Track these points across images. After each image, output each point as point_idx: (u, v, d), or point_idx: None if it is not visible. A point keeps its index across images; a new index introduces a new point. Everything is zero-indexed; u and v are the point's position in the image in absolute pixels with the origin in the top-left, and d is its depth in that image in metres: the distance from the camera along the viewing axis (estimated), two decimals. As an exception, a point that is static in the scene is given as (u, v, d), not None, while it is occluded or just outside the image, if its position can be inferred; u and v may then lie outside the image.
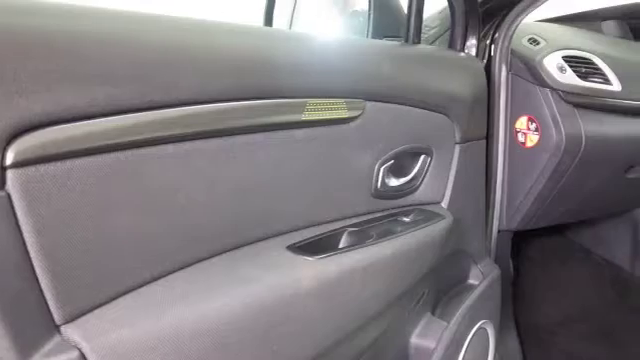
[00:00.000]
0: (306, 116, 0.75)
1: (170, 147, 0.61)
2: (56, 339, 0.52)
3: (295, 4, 1.68)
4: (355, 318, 0.82)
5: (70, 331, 0.53)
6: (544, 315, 1.74)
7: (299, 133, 0.76)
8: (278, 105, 0.73)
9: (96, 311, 0.56)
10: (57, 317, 0.53)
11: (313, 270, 0.74)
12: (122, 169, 0.57)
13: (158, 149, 0.60)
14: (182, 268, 0.65)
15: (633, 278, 1.85)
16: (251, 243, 0.74)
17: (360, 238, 0.84)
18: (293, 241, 0.77)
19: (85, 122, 0.52)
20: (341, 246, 0.83)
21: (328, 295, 0.75)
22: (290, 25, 1.65)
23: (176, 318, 0.59)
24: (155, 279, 0.62)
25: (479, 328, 1.15)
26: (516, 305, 1.61)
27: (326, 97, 0.79)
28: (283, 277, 0.71)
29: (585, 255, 2.00)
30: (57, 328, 0.53)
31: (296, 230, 0.80)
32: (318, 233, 0.82)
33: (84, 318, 0.55)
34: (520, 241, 1.88)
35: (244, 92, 0.68)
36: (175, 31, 0.63)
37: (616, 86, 1.30)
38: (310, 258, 0.75)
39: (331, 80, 0.81)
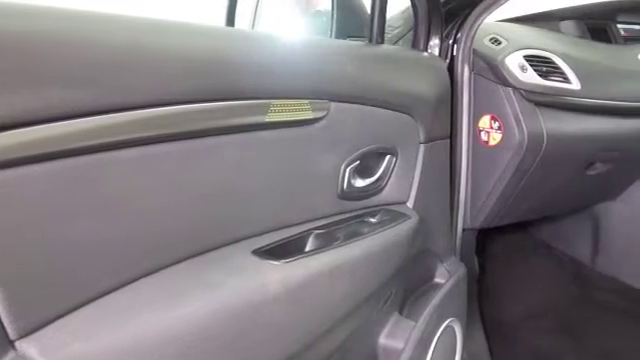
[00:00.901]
0: (270, 117, 0.74)
1: (130, 151, 0.59)
2: (11, 355, 0.50)
3: (257, 4, 1.66)
4: (323, 321, 0.81)
5: (26, 346, 0.51)
6: (509, 311, 1.77)
7: (263, 135, 0.75)
8: (241, 107, 0.71)
9: (55, 323, 0.54)
10: (11, 332, 0.50)
11: (280, 274, 0.73)
12: (80, 175, 0.54)
13: (117, 154, 0.58)
14: (146, 275, 0.63)
15: (593, 273, 1.89)
16: (216, 248, 0.73)
17: (327, 240, 0.84)
18: (259, 245, 0.76)
19: (39, 127, 0.50)
20: (308, 249, 0.82)
21: (295, 299, 0.74)
22: (252, 25, 1.63)
23: (140, 327, 0.57)
24: (117, 287, 0.60)
25: (447, 326, 1.15)
26: (482, 302, 1.63)
27: (290, 98, 0.78)
28: (249, 282, 0.69)
29: (547, 251, 2.04)
30: (11, 343, 0.51)
31: (262, 234, 0.79)
32: (284, 236, 0.80)
33: (41, 332, 0.52)
34: (484, 239, 1.91)
35: (206, 94, 0.66)
36: (133, 31, 0.61)
37: (575, 85, 1.32)
38: (276, 262, 0.73)
39: (295, 81, 0.80)
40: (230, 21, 1.49)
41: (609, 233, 1.84)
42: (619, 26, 1.77)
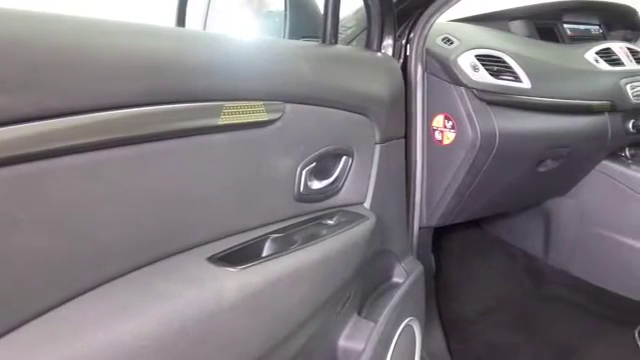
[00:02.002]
0: (223, 120, 0.72)
1: (74, 158, 0.56)
2: None
3: (209, 4, 1.63)
4: (282, 327, 0.80)
5: None
6: (465, 307, 1.79)
7: (216, 138, 0.73)
8: (192, 109, 0.69)
9: None
10: None
11: (236, 281, 0.71)
12: (19, 185, 0.51)
13: (59, 161, 0.55)
14: (93, 288, 0.60)
15: (546, 267, 1.94)
16: (169, 256, 0.70)
17: (284, 244, 0.82)
18: (214, 252, 0.74)
19: None
20: (265, 254, 0.80)
21: (253, 306, 0.72)
22: (204, 26, 1.60)
23: (87, 344, 0.54)
24: (63, 302, 0.57)
25: (406, 325, 1.16)
26: (439, 299, 1.65)
27: (243, 100, 0.76)
28: (204, 291, 0.67)
29: (501, 247, 2.08)
30: None
31: (217, 240, 0.77)
32: (240, 242, 0.78)
33: None
34: (440, 236, 1.93)
35: (155, 97, 0.64)
36: (76, 32, 0.58)
37: (526, 83, 1.35)
38: (232, 269, 0.71)
39: (248, 82, 0.78)
40: (180, 21, 1.46)
41: (559, 228, 1.88)
42: (565, 26, 1.82)
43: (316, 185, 0.96)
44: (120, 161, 0.61)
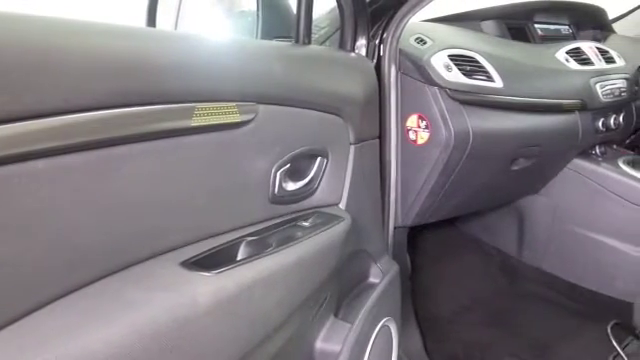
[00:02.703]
0: (195, 122, 0.71)
1: (41, 162, 0.54)
2: None
3: (180, 3, 1.61)
4: (259, 331, 0.79)
5: None
6: (441, 306, 1.80)
7: (188, 140, 0.72)
8: (164, 111, 0.68)
9: None
10: None
11: (210, 286, 0.69)
12: None
13: (26, 165, 0.53)
14: (62, 297, 0.59)
15: (520, 264, 1.96)
16: (141, 262, 0.69)
17: (259, 247, 0.81)
18: (187, 256, 0.72)
19: None
20: (240, 257, 0.79)
21: (228, 311, 0.71)
22: (175, 26, 1.58)
23: (55, 355, 0.53)
24: (29, 313, 0.55)
25: (382, 326, 1.15)
26: (415, 299, 1.65)
27: (216, 101, 0.75)
28: (178, 297, 0.66)
29: (476, 245, 2.10)
30: None
31: (190, 244, 0.75)
32: (214, 245, 0.77)
33: None
34: (415, 236, 1.93)
35: (125, 98, 0.63)
36: (43, 32, 0.56)
37: (498, 83, 1.36)
38: (207, 273, 0.70)
39: (221, 83, 0.77)
40: (151, 21, 1.43)
41: (533, 226, 1.90)
42: (536, 26, 1.84)
43: (291, 186, 0.95)
44: (89, 165, 0.60)
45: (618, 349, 1.35)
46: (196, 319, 0.67)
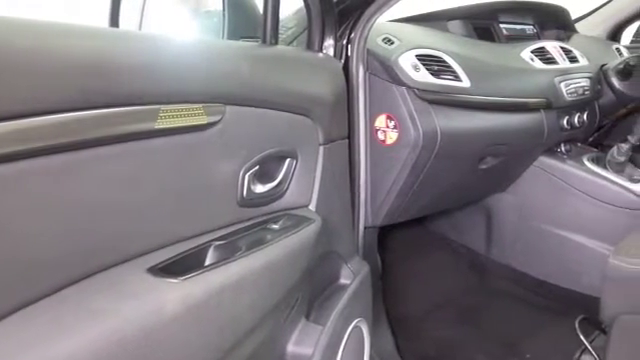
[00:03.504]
0: (160, 124, 0.69)
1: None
2: None
3: (144, 3, 1.58)
4: (228, 337, 0.78)
5: None
6: (412, 305, 1.81)
7: (153, 143, 0.70)
8: (128, 113, 0.66)
9: None
10: None
11: (178, 292, 0.68)
12: None
13: None
14: (20, 308, 0.56)
15: (488, 262, 1.98)
16: (106, 269, 0.67)
17: (228, 251, 0.80)
18: (154, 262, 0.71)
19: None
20: (208, 262, 0.77)
21: (197, 317, 0.70)
22: (140, 26, 1.55)
23: None
24: None
25: (354, 327, 1.15)
26: (386, 299, 1.65)
27: (181, 102, 0.73)
28: (145, 304, 0.64)
29: (445, 243, 2.11)
30: None
31: (157, 250, 0.73)
32: (182, 250, 0.75)
33: None
34: (385, 235, 1.94)
35: (87, 101, 0.61)
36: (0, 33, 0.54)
37: (465, 82, 1.37)
38: (174, 280, 0.68)
39: (186, 84, 0.75)
40: (114, 21, 1.40)
41: (500, 223, 1.92)
42: (502, 26, 1.86)
43: (260, 189, 0.94)
44: (50, 170, 0.58)
45: (586, 343, 1.37)
46: (164, 327, 0.65)
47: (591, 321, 1.41)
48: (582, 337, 1.40)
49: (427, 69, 1.30)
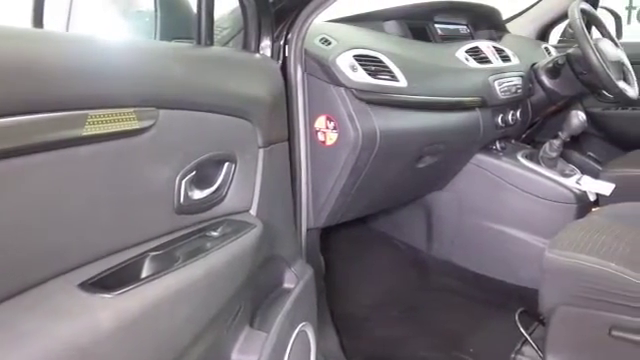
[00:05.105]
0: (88, 131, 0.66)
1: None
2: None
3: (71, 2, 1.51)
4: (168, 351, 0.75)
5: None
6: (357, 304, 1.81)
7: (80, 151, 0.66)
8: (52, 120, 0.62)
9: None
10: None
11: (112, 308, 0.64)
12: None
13: None
14: None
15: (430, 258, 2.01)
16: (34, 286, 0.62)
17: (165, 262, 0.76)
18: (86, 277, 0.67)
19: None
20: (144, 275, 0.74)
21: (133, 334, 0.66)
22: (67, 27, 1.48)
23: None
24: None
25: (299, 332, 1.14)
26: (330, 299, 1.65)
27: (111, 107, 0.69)
28: (76, 323, 0.60)
29: (387, 242, 2.13)
30: None
31: (88, 263, 0.69)
32: (115, 263, 0.72)
33: None
34: (327, 236, 1.93)
35: (7, 106, 0.57)
36: None
37: (402, 82, 1.38)
38: (107, 295, 0.65)
39: (116, 88, 0.72)
40: (37, 21, 1.33)
41: (440, 220, 1.96)
42: (437, 26, 1.89)
43: (198, 195, 0.91)
44: None
45: (526, 335, 1.41)
46: (98, 345, 0.62)
47: (530, 313, 1.45)
48: (522, 329, 1.44)
49: (364, 69, 1.31)
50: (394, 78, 1.37)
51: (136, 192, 0.77)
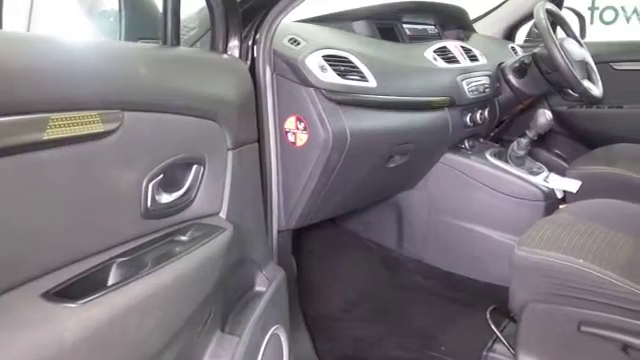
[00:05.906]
0: (49, 134, 0.63)
1: None
2: None
3: (32, 2, 1.47)
4: (138, 359, 0.72)
5: None
6: (329, 305, 1.81)
7: (42, 155, 0.64)
8: (12, 124, 0.60)
9: None
10: None
11: (77, 318, 0.62)
12: None
13: None
14: None
15: (401, 257, 2.02)
16: None
17: (132, 269, 0.74)
18: (49, 286, 0.65)
19: None
20: (110, 282, 0.72)
21: (99, 344, 0.64)
22: (28, 27, 1.44)
23: None
24: None
25: (272, 335, 1.13)
26: (303, 301, 1.64)
27: (74, 110, 0.67)
28: (40, 334, 0.58)
29: (358, 242, 2.13)
30: None
31: (52, 272, 0.67)
32: (80, 271, 0.69)
33: None
34: (299, 237, 1.93)
35: None
36: None
37: (372, 83, 1.38)
38: (72, 304, 0.63)
39: (79, 90, 0.70)
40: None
41: (411, 219, 1.97)
42: (405, 26, 1.90)
43: (165, 198, 0.89)
44: None
45: (497, 333, 1.43)
46: (63, 357, 0.60)
47: (501, 310, 1.46)
48: (493, 327, 1.45)
49: (334, 70, 1.30)
50: (363, 78, 1.37)
51: (101, 197, 0.75)
